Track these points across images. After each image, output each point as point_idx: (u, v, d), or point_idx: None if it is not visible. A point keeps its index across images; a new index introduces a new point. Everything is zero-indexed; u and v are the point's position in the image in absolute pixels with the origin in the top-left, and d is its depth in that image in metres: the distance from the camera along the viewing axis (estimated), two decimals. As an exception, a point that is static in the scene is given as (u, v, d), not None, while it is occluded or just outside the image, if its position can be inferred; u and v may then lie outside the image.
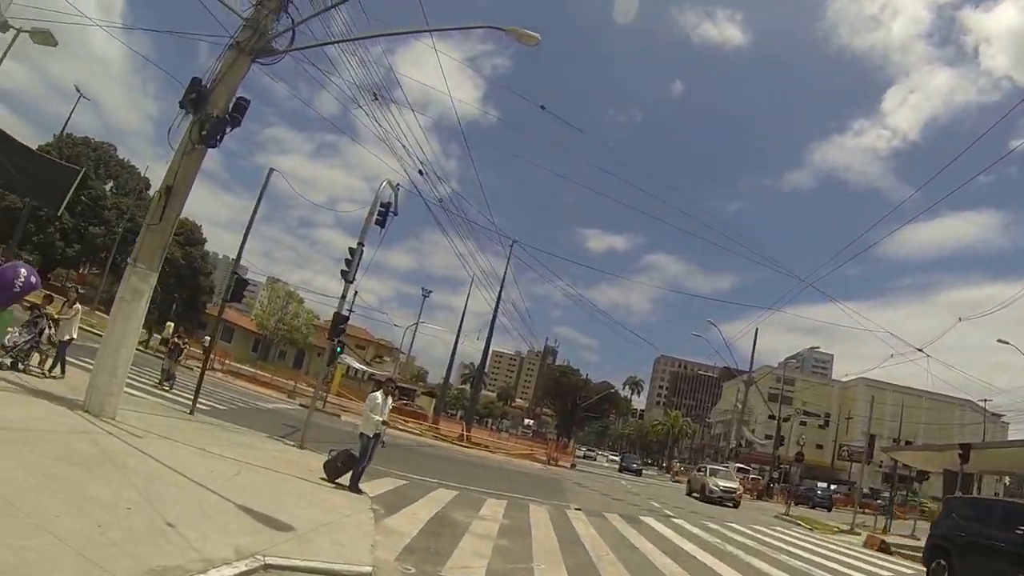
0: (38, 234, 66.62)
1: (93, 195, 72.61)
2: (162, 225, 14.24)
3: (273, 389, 46.80)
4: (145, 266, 13.96)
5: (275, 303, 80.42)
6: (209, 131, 14.54)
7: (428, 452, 33.85)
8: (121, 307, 13.81)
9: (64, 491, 7.40)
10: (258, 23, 15.20)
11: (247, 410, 28.25)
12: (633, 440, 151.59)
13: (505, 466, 37.50)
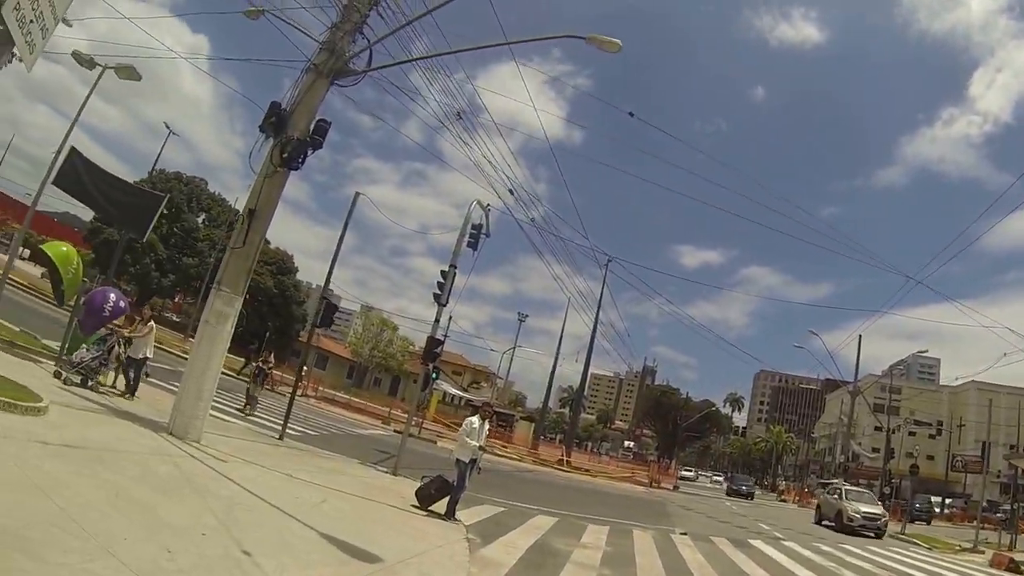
0: (135, 265, 68.95)
1: (186, 227, 75.09)
2: (246, 249, 14.12)
3: (368, 415, 46.68)
4: (229, 289, 13.85)
5: (369, 331, 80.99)
6: (290, 153, 14.38)
7: (527, 477, 33.31)
8: (206, 330, 13.73)
9: (136, 513, 7.13)
10: (334, 45, 15.08)
11: (339, 436, 28.11)
12: (735, 459, 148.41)
13: (606, 490, 36.68)
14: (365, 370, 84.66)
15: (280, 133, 14.50)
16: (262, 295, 76.41)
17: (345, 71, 15.28)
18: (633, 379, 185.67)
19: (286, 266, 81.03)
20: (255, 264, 14.58)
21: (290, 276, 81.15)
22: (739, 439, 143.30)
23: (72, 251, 18.85)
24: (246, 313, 77.49)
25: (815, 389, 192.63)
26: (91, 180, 20.06)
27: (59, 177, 19.90)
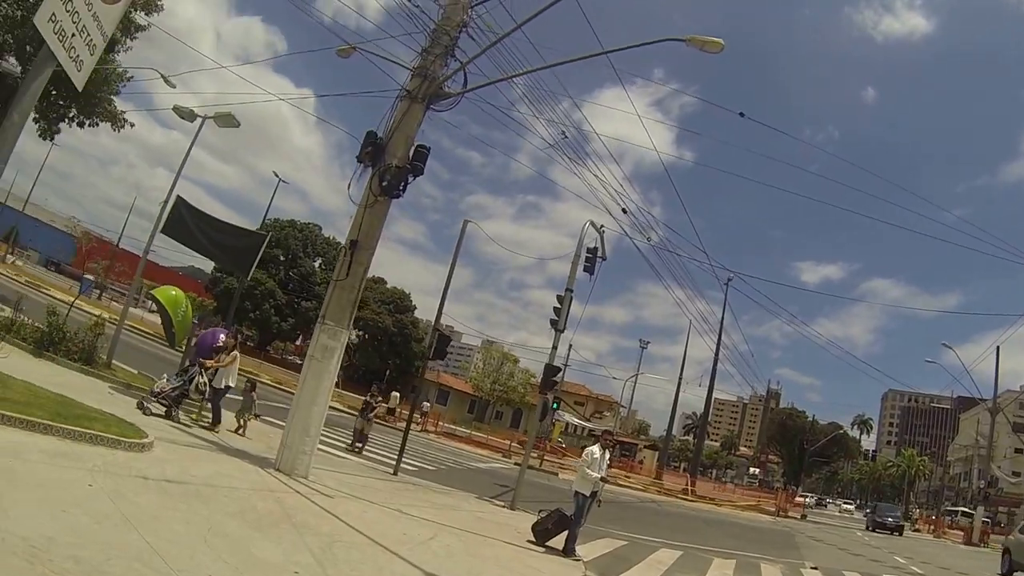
0: (255, 311, 71.37)
1: (303, 272, 77.28)
2: (349, 280, 13.85)
3: (488, 449, 46.20)
4: (334, 323, 13.59)
5: (490, 364, 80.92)
6: (390, 181, 14.09)
7: (651, 508, 32.28)
8: (312, 365, 13.48)
9: (227, 550, 6.79)
10: (426, 70, 14.79)
11: (457, 470, 27.66)
12: (864, 485, 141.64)
13: (732, 520, 35.28)
14: (487, 404, 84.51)
15: (378, 162, 14.27)
16: (381, 334, 78.06)
17: (440, 94, 14.95)
18: (757, 403, 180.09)
19: (404, 304, 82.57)
20: (360, 296, 14.27)
21: (408, 314, 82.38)
22: (867, 464, 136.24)
23: (181, 295, 19.11)
24: (351, 348, 78.21)
25: (948, 408, 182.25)
26: (196, 225, 20.49)
27: (167, 226, 20.58)
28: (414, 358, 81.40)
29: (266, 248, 21.45)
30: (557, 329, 20.63)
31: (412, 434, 34.14)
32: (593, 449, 13.63)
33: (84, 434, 9.74)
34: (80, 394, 13.05)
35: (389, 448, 25.72)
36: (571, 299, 20.98)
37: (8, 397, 10.16)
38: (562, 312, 20.66)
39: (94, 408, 11.86)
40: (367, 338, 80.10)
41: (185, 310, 18.77)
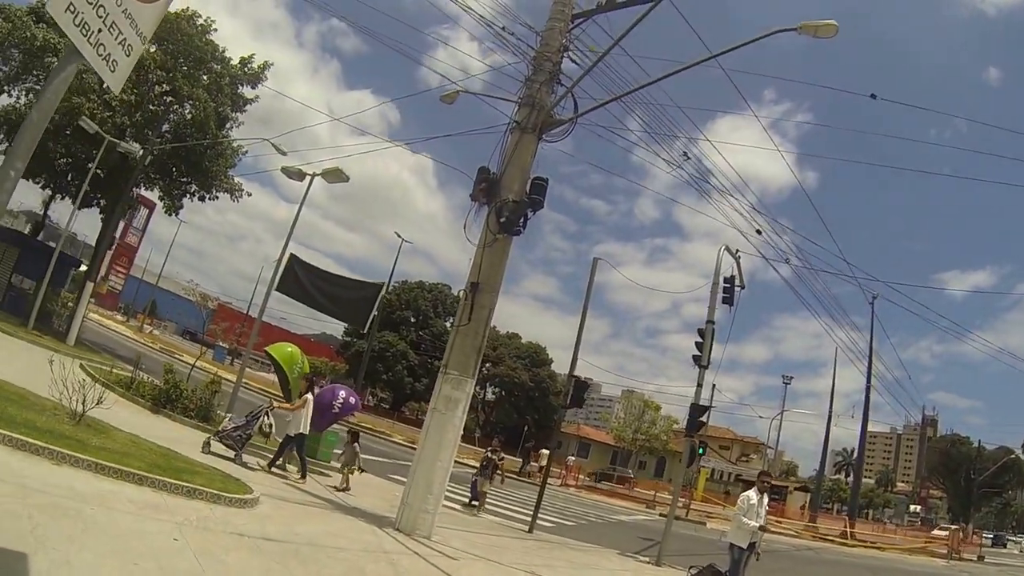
0: (388, 372, 72.09)
1: (434, 332, 77.68)
2: (472, 325, 12.90)
3: (631, 501, 44.48)
4: (458, 372, 12.63)
5: (631, 413, 79.09)
6: (509, 217, 13.14)
7: (808, 556, 29.95)
8: (434, 418, 12.53)
9: None
10: (532, 98, 13.88)
11: (598, 524, 26.23)
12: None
13: (901, 566, 32.49)
14: (629, 454, 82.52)
15: (493, 199, 13.39)
16: (518, 389, 77.73)
17: (550, 122, 13.99)
18: (912, 432, 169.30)
19: (540, 358, 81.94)
20: (485, 342, 13.27)
21: (545, 368, 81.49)
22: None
23: (296, 352, 18.62)
24: (488, 405, 77.63)
25: None
26: (310, 281, 20.36)
27: (281, 283, 20.49)
28: (553, 412, 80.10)
29: (396, 311, 21.58)
30: (700, 365, 19.32)
31: (551, 488, 32.76)
32: (749, 495, 12.15)
33: (180, 487, 9.36)
34: (190, 449, 12.92)
35: (525, 504, 24.57)
36: (713, 332, 19.70)
37: (107, 447, 9.92)
38: (705, 346, 19.38)
39: (200, 462, 11.63)
40: (504, 394, 79.88)
41: (301, 367, 18.30)
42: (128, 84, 31.03)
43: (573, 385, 19.95)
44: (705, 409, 19.71)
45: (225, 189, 36.01)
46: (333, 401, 17.03)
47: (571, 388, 19.99)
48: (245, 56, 34.86)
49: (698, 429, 19.51)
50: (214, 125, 33.36)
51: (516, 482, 37.66)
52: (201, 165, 34.37)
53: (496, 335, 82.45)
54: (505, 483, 26.32)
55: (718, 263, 20.82)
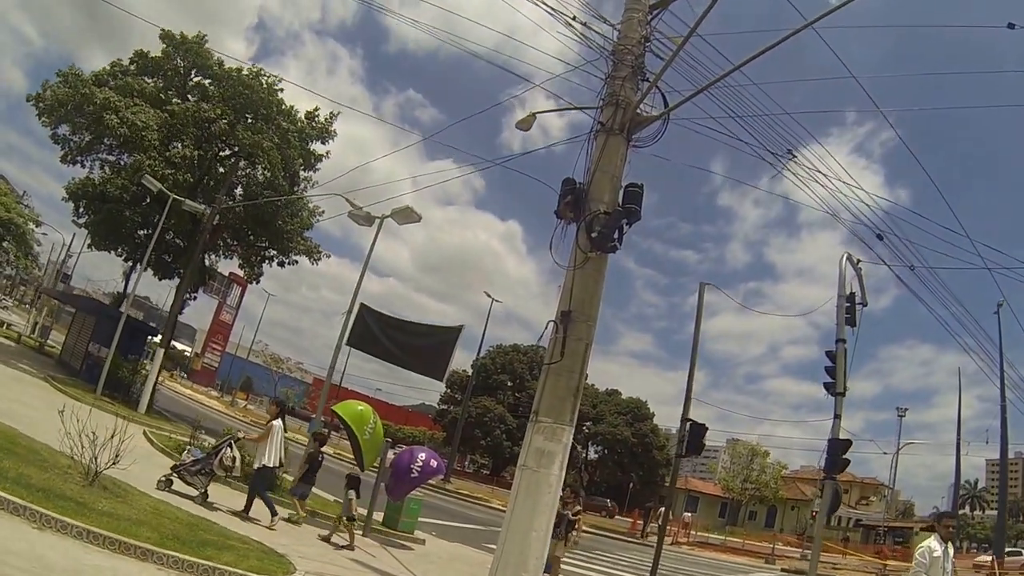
0: (486, 437, 71.54)
1: (531, 394, 74.25)
2: (566, 363, 10.41)
3: (746, 555, 40.66)
4: (552, 419, 10.14)
5: (738, 462, 75.50)
6: (601, 231, 10.70)
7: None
8: (525, 476, 10.00)
9: None
10: (616, 96, 11.56)
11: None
12: None
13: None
14: (739, 505, 78.68)
15: (582, 213, 11.04)
16: (620, 446, 75.40)
17: (638, 120, 11.56)
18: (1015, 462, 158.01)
19: (641, 413, 79.62)
20: (583, 381, 10.79)
21: (647, 422, 79.21)
22: None
23: (368, 410, 16.30)
24: (591, 465, 75.51)
25: None
26: (382, 331, 19.22)
27: (352, 336, 19.35)
28: (657, 467, 77.94)
29: (492, 374, 19.58)
30: (835, 393, 16.74)
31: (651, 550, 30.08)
32: (931, 545, 9.14)
33: (197, 565, 7.71)
34: (235, 521, 11.78)
35: (637, 569, 21.97)
36: (845, 352, 17.07)
37: (117, 513, 8.44)
38: (838, 369, 16.93)
39: (237, 533, 9.94)
40: (606, 452, 77.67)
41: (374, 427, 16.03)
42: (190, 140, 30.24)
43: (689, 429, 17.32)
44: (848, 444, 16.77)
45: (302, 251, 34.90)
46: (412, 465, 14.96)
47: (687, 433, 17.36)
48: (311, 110, 33.88)
49: (841, 468, 16.67)
50: (283, 180, 32.22)
51: (627, 543, 34.76)
52: (274, 225, 33.14)
53: (595, 392, 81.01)
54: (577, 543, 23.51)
55: (841, 272, 18.55)
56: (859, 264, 18.79)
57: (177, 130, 30.05)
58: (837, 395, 16.83)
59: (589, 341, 10.79)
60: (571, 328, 10.55)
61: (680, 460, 18.96)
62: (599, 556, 24.53)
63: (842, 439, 16.67)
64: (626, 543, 34.85)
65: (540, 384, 10.59)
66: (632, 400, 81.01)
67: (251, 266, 35.87)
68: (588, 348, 10.78)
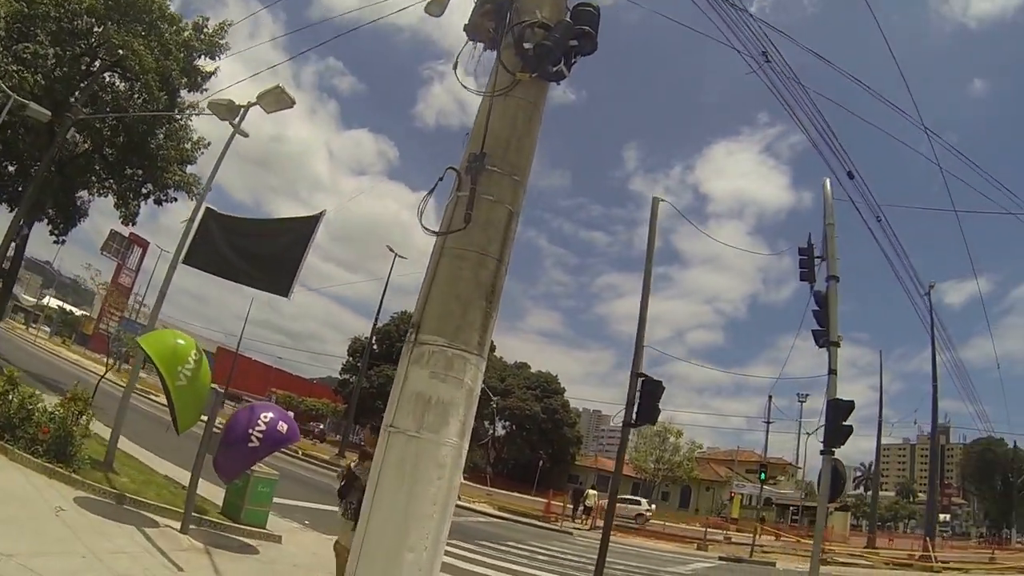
0: None
1: None
2: (475, 237, 5.60)
3: (673, 541, 35.87)
4: (446, 340, 5.29)
5: (651, 441, 72.43)
6: (541, 46, 6.08)
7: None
8: (394, 446, 5.14)
9: None
10: None
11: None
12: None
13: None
14: (651, 485, 75.50)
15: (505, 23, 6.27)
16: (530, 422, 70.98)
17: None
18: (926, 442, 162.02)
19: (552, 388, 75.28)
20: (503, 282, 5.83)
21: (557, 398, 74.70)
22: None
23: (190, 344, 10.28)
24: (499, 441, 71.54)
25: None
26: (225, 238, 13.78)
27: (190, 253, 14.06)
28: (568, 445, 74.45)
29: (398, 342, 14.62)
30: (827, 343, 12.46)
31: (582, 536, 28.95)
32: None
33: None
34: None
35: (564, 564, 17.91)
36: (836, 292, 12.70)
37: None
38: (831, 314, 12.74)
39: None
40: (514, 428, 73.11)
41: (195, 369, 10.06)
42: (46, 34, 24.15)
43: (642, 388, 12.55)
44: (851, 407, 12.18)
45: (180, 185, 29.27)
46: (250, 430, 9.39)
47: (638, 392, 12.57)
48: (200, 18, 28.22)
49: (844, 439, 12.14)
50: (160, 93, 26.43)
51: (536, 530, 30.21)
52: (147, 149, 27.74)
53: (503, 364, 76.62)
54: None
55: (826, 198, 14.32)
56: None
57: (33, 23, 23.99)
58: (831, 346, 12.54)
59: (515, 210, 5.91)
60: (485, 181, 5.73)
61: (627, 431, 13.53)
62: (512, 549, 20.01)
63: (844, 400, 12.24)
64: (541, 530, 30.22)
65: (427, 277, 5.68)
66: (542, 374, 76.82)
67: (126, 204, 30.12)
68: (513, 221, 5.90)
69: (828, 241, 13.48)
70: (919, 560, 35.39)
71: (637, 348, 13.51)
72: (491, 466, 74.08)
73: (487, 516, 31.42)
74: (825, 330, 12.69)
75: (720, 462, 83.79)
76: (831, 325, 12.54)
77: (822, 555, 32.72)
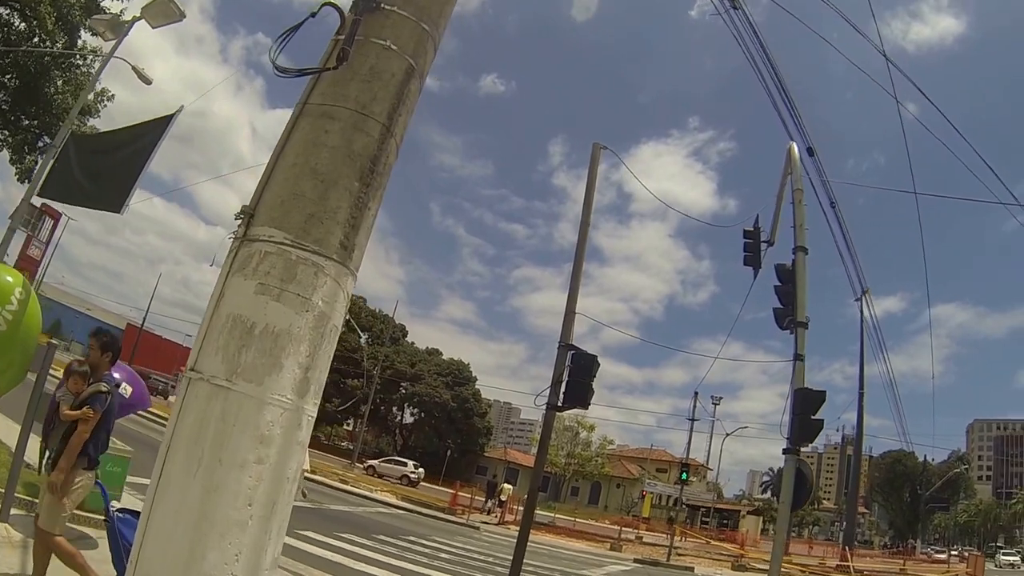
0: None
1: (347, 347, 69.19)
2: (354, 91, 3.63)
3: (585, 539, 33.85)
4: (293, 236, 3.23)
5: (562, 435, 71.24)
6: None
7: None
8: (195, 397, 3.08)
9: None
10: None
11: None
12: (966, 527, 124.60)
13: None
14: (561, 480, 74.21)
15: None
16: (439, 410, 69.09)
17: None
18: (833, 452, 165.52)
19: (463, 376, 73.50)
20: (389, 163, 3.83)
21: (468, 386, 73.09)
22: (974, 504, 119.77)
23: (17, 279, 7.68)
24: (406, 429, 70.29)
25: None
26: (79, 162, 11.32)
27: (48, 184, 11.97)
28: (477, 435, 72.69)
29: None
30: (793, 324, 10.92)
31: (489, 531, 27.06)
32: None
33: None
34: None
35: (467, 566, 16.16)
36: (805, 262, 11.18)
37: None
38: (799, 289, 11.00)
39: None
40: (423, 415, 71.17)
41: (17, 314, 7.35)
42: None
43: (572, 362, 10.56)
44: (822, 397, 10.41)
45: None
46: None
47: (568, 366, 10.56)
48: None
49: (813, 435, 10.42)
50: (55, 29, 23.91)
51: (442, 523, 28.22)
52: (40, 92, 24.96)
53: (414, 349, 74.96)
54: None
55: (793, 160, 12.67)
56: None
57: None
58: (798, 326, 10.85)
59: (418, 67, 3.92)
60: (378, 22, 3.79)
61: (551, 415, 11.23)
62: (413, 545, 18.04)
63: (815, 390, 10.51)
64: (447, 524, 28.18)
65: (276, 147, 3.65)
66: (454, 362, 75.01)
67: (21, 159, 27.07)
68: (414, 81, 3.90)
69: (796, 207, 11.77)
70: (836, 570, 34.66)
71: (567, 314, 11.54)
72: (398, 454, 72.47)
73: (390, 507, 29.31)
74: (789, 308, 11.02)
75: (632, 459, 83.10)
76: (799, 302, 10.87)
77: (739, 560, 32.07)
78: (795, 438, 10.25)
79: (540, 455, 11.75)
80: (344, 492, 30.01)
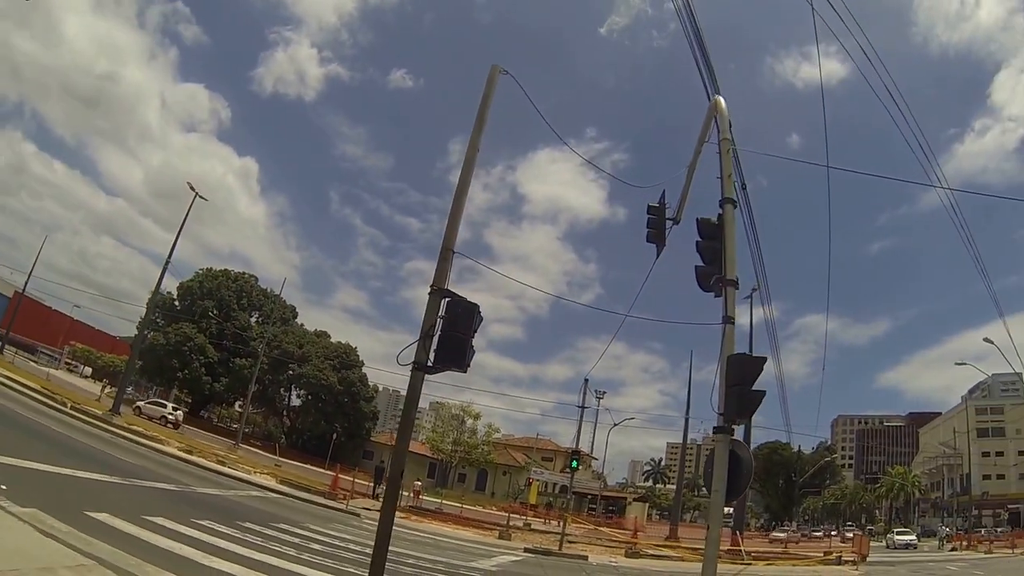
0: (183, 369, 62.49)
1: (238, 326, 67.68)
2: None
3: (472, 527, 32.18)
4: None
5: (448, 423, 69.87)
6: None
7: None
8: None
9: None
10: None
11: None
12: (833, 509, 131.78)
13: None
14: (447, 466, 72.67)
15: None
16: (326, 392, 67.11)
17: None
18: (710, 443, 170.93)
19: (350, 360, 71.84)
20: None
21: (355, 370, 71.61)
22: (840, 488, 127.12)
23: None
24: (293, 411, 67.98)
25: (901, 426, 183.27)
26: None
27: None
28: (364, 420, 71.14)
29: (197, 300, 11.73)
30: (721, 283, 9.75)
31: (371, 519, 24.04)
32: None
33: None
34: None
35: (339, 559, 14.45)
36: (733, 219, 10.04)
37: None
38: (727, 244, 9.56)
39: None
40: (310, 398, 68.85)
41: None
42: None
43: (447, 311, 8.61)
44: (761, 363, 8.85)
45: None
46: None
47: (440, 319, 8.59)
48: None
49: (751, 409, 8.93)
50: None
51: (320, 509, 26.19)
52: None
53: (303, 332, 72.97)
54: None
55: (721, 112, 11.31)
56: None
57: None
58: (727, 285, 9.37)
59: None
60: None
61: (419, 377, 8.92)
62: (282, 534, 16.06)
63: (753, 356, 9.07)
64: (325, 510, 26.13)
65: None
66: (342, 345, 73.56)
67: None
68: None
69: (724, 157, 10.28)
70: (727, 553, 33.97)
71: (443, 251, 9.33)
72: (285, 436, 70.99)
73: (266, 490, 27.00)
74: (715, 266, 9.57)
75: (518, 448, 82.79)
76: (728, 258, 9.41)
77: (633, 548, 31.00)
78: (727, 414, 8.73)
79: (404, 427, 9.59)
80: (219, 475, 27.56)
